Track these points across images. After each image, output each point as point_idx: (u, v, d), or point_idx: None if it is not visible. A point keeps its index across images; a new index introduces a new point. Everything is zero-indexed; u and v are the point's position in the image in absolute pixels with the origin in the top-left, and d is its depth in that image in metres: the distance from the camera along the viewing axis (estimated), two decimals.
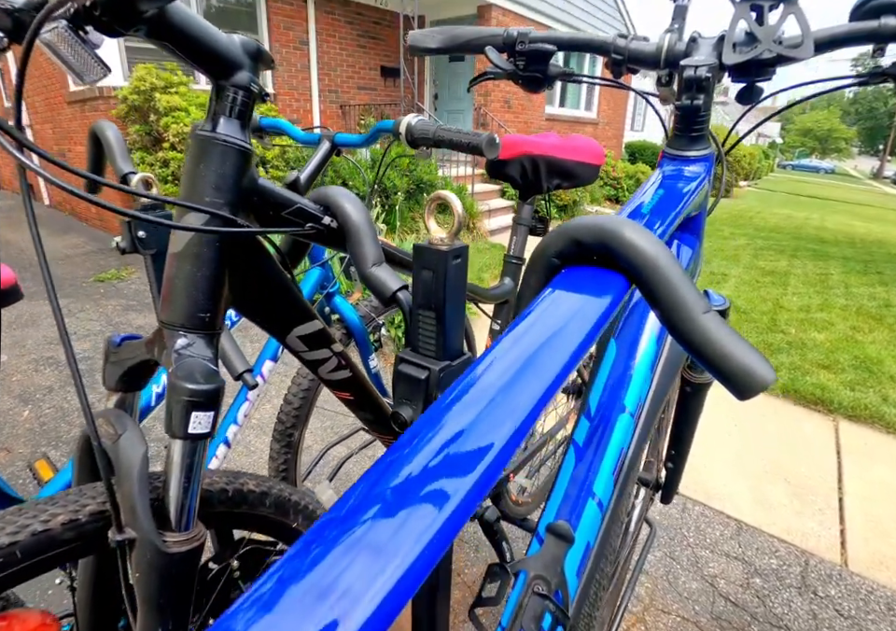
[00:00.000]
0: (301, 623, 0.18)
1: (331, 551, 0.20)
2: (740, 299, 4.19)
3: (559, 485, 0.50)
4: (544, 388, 0.28)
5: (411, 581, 0.20)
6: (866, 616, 1.54)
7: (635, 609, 1.50)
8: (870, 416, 2.55)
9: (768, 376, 0.31)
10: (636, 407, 0.53)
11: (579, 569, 0.47)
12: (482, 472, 0.24)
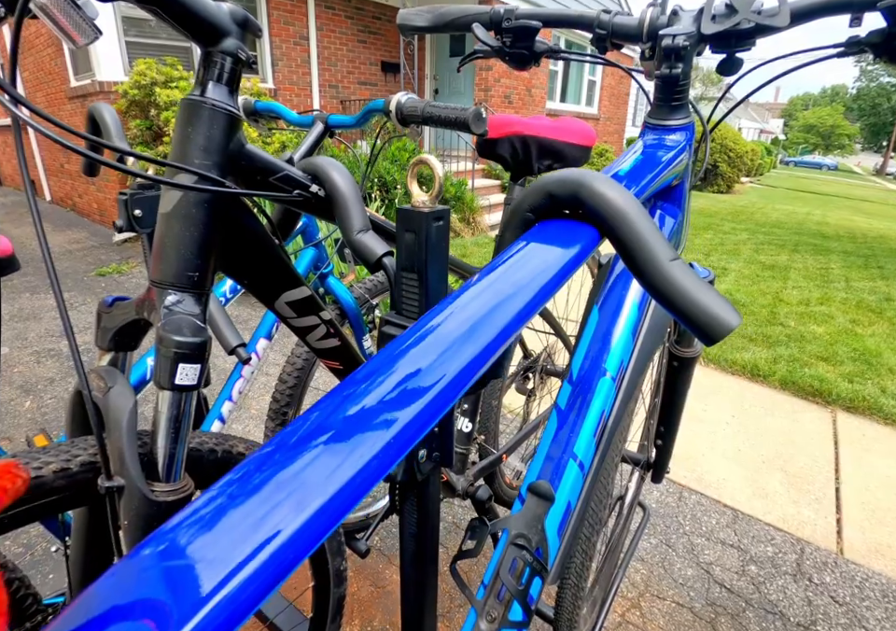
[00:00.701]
0: (239, 542, 0.18)
1: (276, 474, 0.21)
2: (740, 292, 4.19)
3: (541, 447, 0.51)
4: (499, 331, 0.29)
5: (349, 495, 0.21)
6: (861, 603, 1.54)
7: (630, 594, 1.51)
8: (868, 408, 2.55)
9: (733, 321, 0.32)
10: (617, 371, 0.53)
11: (560, 529, 0.48)
12: (424, 406, 0.25)
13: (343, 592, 0.72)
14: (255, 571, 0.18)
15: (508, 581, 0.41)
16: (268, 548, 0.18)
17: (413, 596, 0.59)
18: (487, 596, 0.44)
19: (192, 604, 0.16)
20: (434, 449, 0.49)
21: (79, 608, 0.17)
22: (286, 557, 0.19)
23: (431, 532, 0.53)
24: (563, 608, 0.74)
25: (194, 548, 0.18)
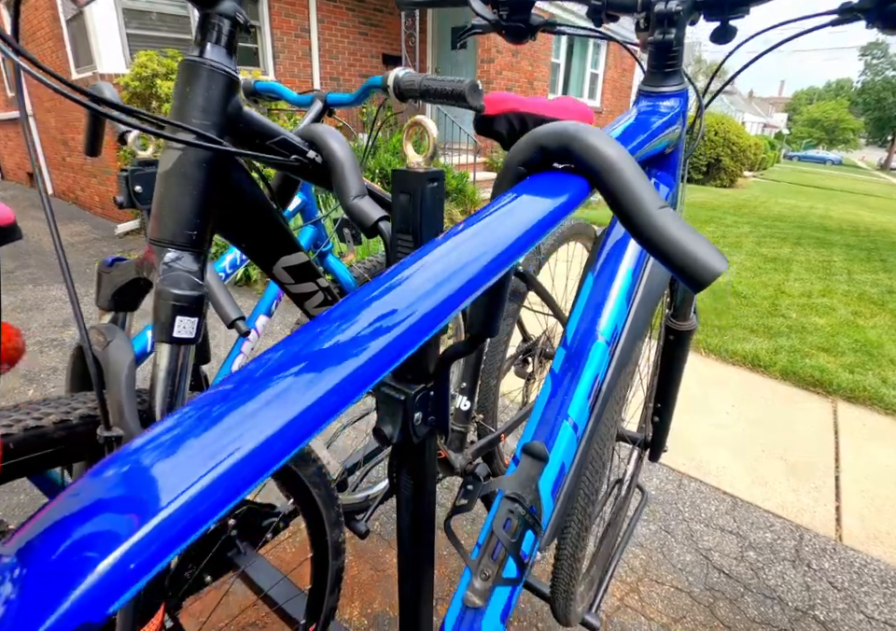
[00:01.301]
0: (198, 462, 0.19)
1: (242, 402, 0.21)
2: (742, 284, 4.18)
3: (536, 410, 0.51)
4: (479, 270, 0.30)
5: (314, 416, 0.21)
6: (859, 588, 1.55)
7: (629, 579, 1.51)
8: (869, 398, 2.55)
9: (719, 266, 0.32)
10: (611, 336, 0.54)
11: (554, 489, 0.48)
12: (395, 337, 0.26)
13: (342, 564, 0.73)
14: (221, 476, 0.18)
15: (502, 535, 0.42)
16: (234, 456, 0.19)
17: (411, 564, 0.60)
18: (482, 556, 0.45)
19: (166, 500, 0.17)
20: (430, 413, 0.49)
21: (59, 506, 0.17)
22: (253, 464, 0.19)
23: (427, 498, 0.54)
24: (559, 580, 0.74)
25: (163, 461, 0.18)
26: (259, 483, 0.20)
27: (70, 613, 0.16)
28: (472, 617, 0.45)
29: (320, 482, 0.64)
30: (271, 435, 0.20)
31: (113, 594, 0.17)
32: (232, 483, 0.19)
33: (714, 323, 3.33)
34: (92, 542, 0.17)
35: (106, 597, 0.17)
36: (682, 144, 0.69)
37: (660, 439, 1.00)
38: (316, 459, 0.63)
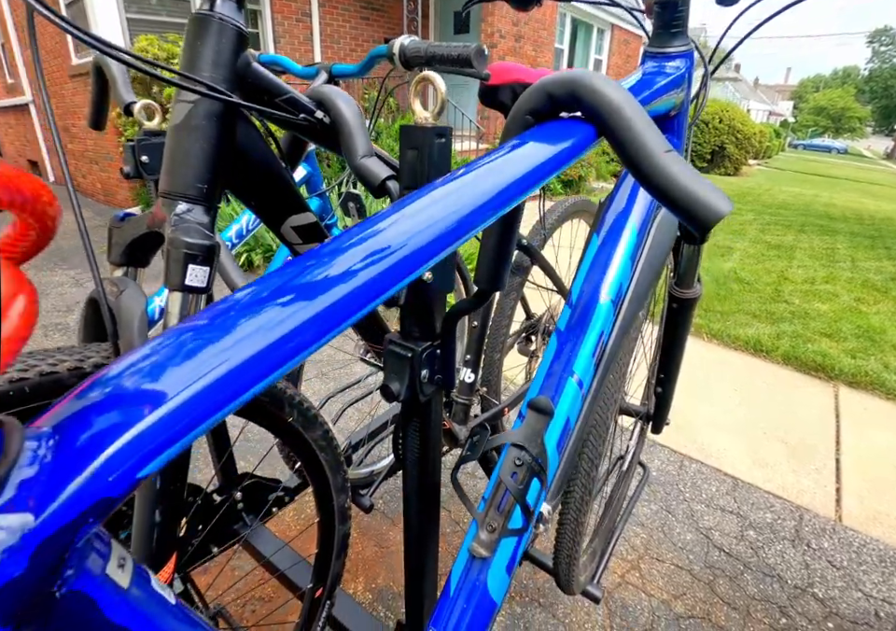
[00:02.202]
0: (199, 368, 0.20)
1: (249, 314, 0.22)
2: (745, 271, 4.18)
3: (541, 367, 0.52)
4: (478, 207, 0.30)
5: (305, 338, 0.22)
6: (858, 567, 1.56)
7: (629, 557, 1.53)
8: (870, 383, 2.56)
9: (724, 207, 0.32)
10: (616, 294, 0.54)
11: (559, 444, 0.49)
12: (389, 266, 0.26)
13: (348, 530, 0.74)
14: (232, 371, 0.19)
15: (509, 482, 0.43)
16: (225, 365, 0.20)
17: (417, 526, 0.61)
18: (488, 508, 0.46)
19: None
20: (436, 371, 0.50)
21: (88, 390, 0.18)
22: (249, 372, 0.20)
23: (433, 457, 0.54)
24: (562, 546, 0.75)
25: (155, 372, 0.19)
26: (251, 393, 0.21)
27: (96, 476, 0.18)
28: (479, 568, 0.46)
29: (327, 446, 0.65)
30: (264, 348, 0.21)
31: (135, 466, 0.18)
32: (238, 379, 0.20)
33: (717, 308, 3.32)
34: (114, 423, 0.18)
35: (130, 470, 0.18)
36: (687, 108, 0.68)
37: (662, 411, 1.00)
38: (323, 423, 0.64)
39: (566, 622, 1.33)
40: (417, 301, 0.46)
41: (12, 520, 0.16)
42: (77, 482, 0.17)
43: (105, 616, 0.22)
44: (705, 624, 1.35)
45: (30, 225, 0.16)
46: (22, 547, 0.16)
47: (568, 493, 0.74)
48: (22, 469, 0.17)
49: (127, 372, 0.19)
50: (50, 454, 0.18)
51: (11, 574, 0.17)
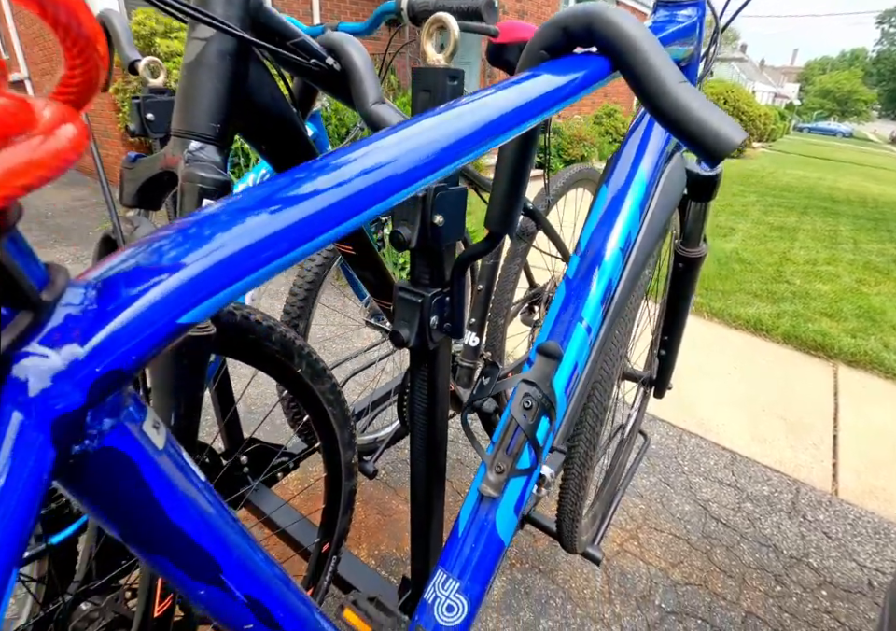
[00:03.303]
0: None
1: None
2: (747, 251, 4.16)
3: (550, 314, 0.52)
4: (480, 128, 0.30)
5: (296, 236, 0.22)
6: (853, 538, 1.59)
7: (628, 527, 1.55)
8: (869, 362, 2.57)
9: (737, 136, 0.32)
10: (625, 243, 0.54)
11: (566, 387, 0.49)
12: (380, 179, 0.26)
13: (354, 486, 0.75)
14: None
15: (519, 417, 0.43)
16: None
17: (423, 479, 0.62)
18: (497, 451, 0.46)
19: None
20: (445, 319, 0.50)
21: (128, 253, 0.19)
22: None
23: (441, 407, 0.55)
24: (566, 501, 0.77)
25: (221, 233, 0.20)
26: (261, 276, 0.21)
27: (139, 318, 0.18)
28: (487, 508, 0.47)
29: (334, 400, 0.65)
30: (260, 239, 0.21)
31: (175, 312, 0.20)
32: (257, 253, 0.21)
33: (718, 288, 3.32)
34: (154, 274, 0.20)
35: (170, 315, 0.20)
36: (698, 61, 0.68)
37: (665, 374, 1.01)
38: (331, 377, 0.65)
39: (565, 588, 1.35)
40: (427, 246, 0.46)
41: (61, 348, 0.17)
42: (121, 320, 0.18)
43: (140, 472, 0.23)
44: (701, 591, 1.37)
45: (73, 55, 0.16)
46: (72, 376, 0.17)
47: (573, 448, 0.75)
48: (69, 306, 0.18)
49: (162, 238, 0.20)
50: (95, 297, 0.18)
51: (63, 402, 0.17)
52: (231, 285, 0.20)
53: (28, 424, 0.16)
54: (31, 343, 0.17)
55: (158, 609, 0.51)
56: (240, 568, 0.31)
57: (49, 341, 0.17)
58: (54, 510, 0.69)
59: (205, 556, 0.29)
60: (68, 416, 0.17)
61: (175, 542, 0.27)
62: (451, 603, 0.46)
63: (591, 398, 0.71)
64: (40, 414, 0.17)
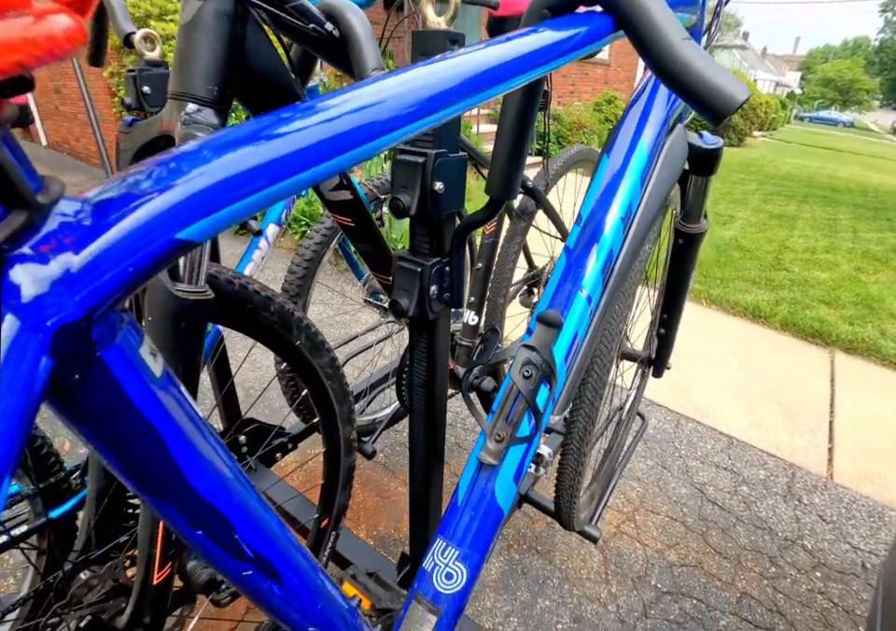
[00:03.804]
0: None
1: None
2: (746, 239, 4.16)
3: (551, 283, 0.52)
4: (472, 78, 0.29)
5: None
6: (847, 522, 1.60)
7: (625, 509, 1.56)
8: (866, 349, 2.58)
9: (741, 94, 0.32)
10: (626, 212, 0.54)
11: (566, 356, 0.49)
12: (367, 122, 0.25)
13: (353, 462, 0.75)
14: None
15: (519, 381, 0.43)
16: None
17: (422, 452, 0.62)
18: (496, 419, 0.46)
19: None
20: (445, 289, 0.50)
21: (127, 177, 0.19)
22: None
23: (440, 379, 0.55)
24: (565, 477, 0.77)
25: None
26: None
27: (137, 230, 0.18)
28: (486, 477, 0.47)
29: (333, 374, 0.65)
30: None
31: (173, 225, 0.20)
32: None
33: (717, 275, 3.32)
34: (152, 190, 0.20)
35: (168, 228, 0.19)
36: (700, 33, 0.67)
37: (664, 353, 1.01)
38: (330, 350, 0.64)
39: (562, 568, 1.36)
40: (427, 213, 0.46)
41: (57, 255, 0.17)
42: (118, 231, 0.18)
43: (137, 397, 0.22)
44: (697, 572, 1.39)
45: None
46: (67, 284, 0.17)
47: (572, 423, 0.75)
48: (64, 215, 0.18)
49: (159, 162, 0.20)
50: (91, 211, 0.18)
51: (58, 310, 0.17)
52: (226, 206, 0.20)
53: (23, 328, 0.16)
54: (25, 246, 0.17)
55: (157, 577, 0.51)
56: (239, 511, 0.31)
57: (43, 245, 0.17)
58: (53, 484, 0.69)
59: (205, 503, 0.28)
60: (63, 327, 0.17)
61: (172, 477, 0.27)
62: (450, 571, 0.46)
63: (590, 372, 0.71)
64: (35, 320, 0.17)
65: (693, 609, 1.29)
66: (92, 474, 0.56)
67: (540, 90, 0.45)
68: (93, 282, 0.18)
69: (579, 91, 9.21)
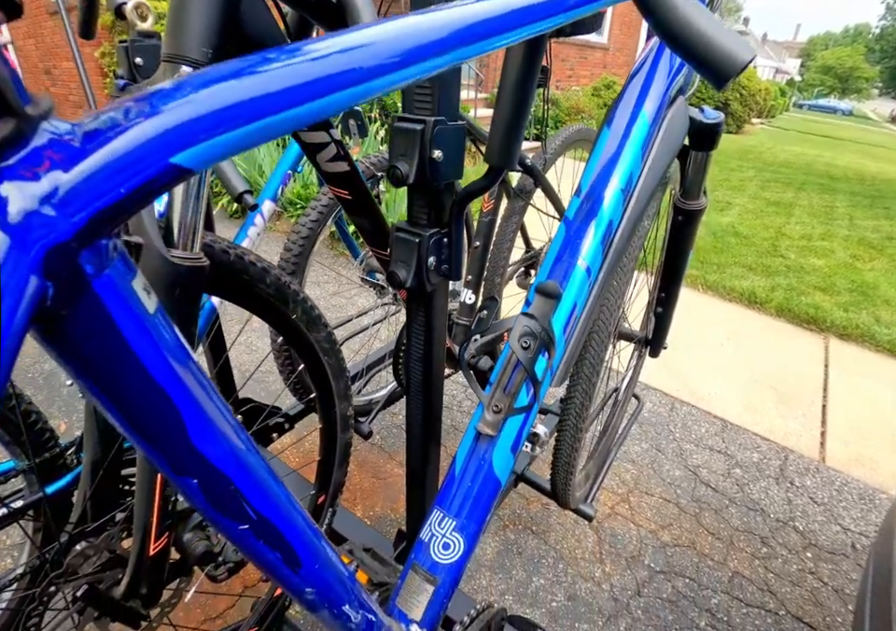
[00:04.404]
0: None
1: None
2: (743, 225, 4.16)
3: (549, 254, 0.51)
4: (463, 26, 0.29)
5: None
6: (838, 504, 1.62)
7: (620, 491, 1.58)
8: (861, 335, 2.59)
9: (745, 55, 0.31)
10: (626, 183, 0.53)
11: (565, 327, 0.49)
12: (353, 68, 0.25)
13: (349, 439, 0.75)
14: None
15: (518, 349, 0.43)
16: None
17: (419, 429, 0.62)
18: (494, 391, 0.46)
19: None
20: (443, 260, 0.49)
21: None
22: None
23: (437, 351, 0.54)
24: (561, 453, 0.77)
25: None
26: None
27: (129, 152, 0.18)
28: (484, 448, 0.47)
29: (330, 349, 0.65)
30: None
31: (166, 149, 0.19)
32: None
33: (713, 261, 3.32)
34: (145, 115, 0.19)
35: (162, 152, 0.19)
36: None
37: (661, 332, 1.01)
38: (327, 325, 0.64)
39: (557, 548, 1.38)
40: (425, 182, 0.45)
41: (47, 172, 0.16)
42: (110, 150, 0.17)
43: (129, 332, 0.22)
44: (689, 552, 1.40)
45: None
46: (57, 201, 0.17)
47: (569, 399, 0.75)
48: (53, 133, 0.17)
49: (153, 91, 0.20)
50: (82, 132, 0.18)
51: (47, 229, 0.17)
52: (220, 134, 0.20)
53: (12, 246, 0.15)
54: (13, 158, 0.16)
55: (153, 547, 0.51)
56: (238, 466, 0.30)
57: (32, 160, 0.17)
58: (49, 460, 0.69)
59: (200, 455, 0.28)
60: (54, 248, 0.17)
61: (168, 423, 0.27)
62: (447, 541, 0.46)
63: (587, 348, 0.71)
64: (25, 238, 0.16)
65: (686, 588, 1.30)
66: (87, 446, 0.56)
67: (541, 55, 0.44)
68: (85, 202, 0.17)
69: (577, 75, 9.12)
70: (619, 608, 1.24)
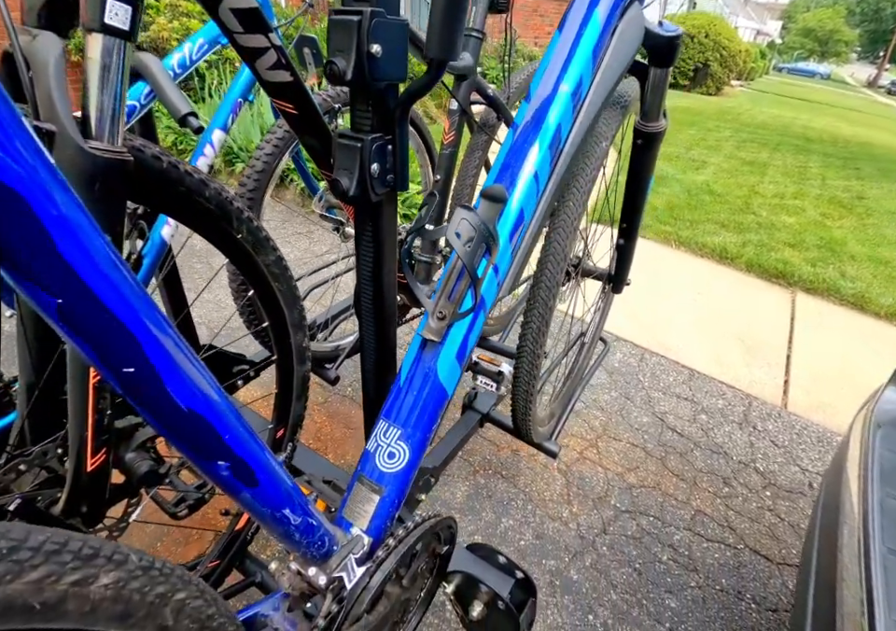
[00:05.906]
0: None
1: None
2: (717, 184, 4.17)
3: (497, 161, 0.50)
4: None
5: None
6: (798, 446, 1.68)
7: (588, 436, 1.61)
8: (826, 289, 2.64)
9: None
10: (576, 87, 0.51)
11: (511, 234, 0.47)
12: None
13: (306, 372, 0.74)
14: None
15: (455, 241, 0.41)
16: None
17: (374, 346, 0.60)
18: (439, 298, 0.45)
19: None
20: (388, 170, 0.47)
21: None
22: None
23: (388, 268, 0.53)
24: (519, 381, 0.77)
25: None
26: None
27: None
28: (430, 355, 0.46)
29: (280, 275, 0.62)
30: None
31: None
32: None
33: (687, 217, 3.33)
34: None
35: None
36: None
37: (624, 265, 1.00)
38: (276, 249, 0.61)
39: (526, 491, 1.40)
40: (365, 82, 0.43)
41: None
42: None
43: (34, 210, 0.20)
44: (655, 493, 1.45)
45: None
46: None
47: (526, 325, 0.75)
48: None
49: None
50: None
51: None
52: None
53: None
54: None
55: (90, 463, 0.50)
56: (173, 367, 0.29)
57: None
58: None
59: (153, 369, 0.27)
60: None
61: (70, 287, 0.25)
62: (392, 450, 0.46)
63: (542, 271, 0.69)
64: None
65: (650, 526, 1.35)
66: (21, 369, 0.53)
67: None
68: None
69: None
70: (585, 545, 1.28)
